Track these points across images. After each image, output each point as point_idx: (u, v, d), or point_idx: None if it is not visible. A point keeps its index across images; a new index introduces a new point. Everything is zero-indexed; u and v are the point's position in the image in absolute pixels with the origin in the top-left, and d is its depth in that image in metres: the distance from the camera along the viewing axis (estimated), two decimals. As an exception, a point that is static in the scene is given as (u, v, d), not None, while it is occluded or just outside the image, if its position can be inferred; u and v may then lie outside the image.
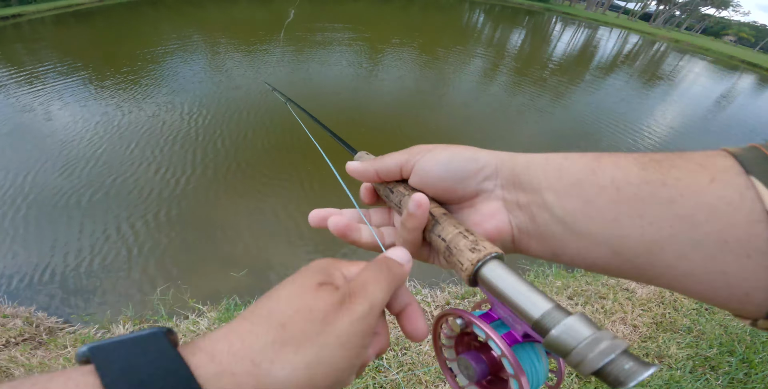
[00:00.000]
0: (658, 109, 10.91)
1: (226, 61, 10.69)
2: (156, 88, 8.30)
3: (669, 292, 3.15)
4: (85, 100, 7.77)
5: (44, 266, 3.71)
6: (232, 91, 8.04)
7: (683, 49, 30.84)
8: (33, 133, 6.34)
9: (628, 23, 44.20)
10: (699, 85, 16.10)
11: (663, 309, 3.01)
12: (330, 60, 10.79)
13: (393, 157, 0.43)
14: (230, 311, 2.93)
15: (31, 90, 8.28)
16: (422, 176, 0.40)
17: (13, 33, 17.92)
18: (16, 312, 3.09)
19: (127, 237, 4.06)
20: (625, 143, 7.78)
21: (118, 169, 5.20)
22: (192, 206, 4.56)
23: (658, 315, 2.95)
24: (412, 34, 16.37)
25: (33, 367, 2.35)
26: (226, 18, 20.08)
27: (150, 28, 17.19)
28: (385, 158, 0.44)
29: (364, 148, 0.60)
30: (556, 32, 27.52)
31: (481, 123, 7.95)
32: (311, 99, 7.89)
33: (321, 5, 25.24)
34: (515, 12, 35.64)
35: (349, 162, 0.48)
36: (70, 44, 14.02)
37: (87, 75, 9.38)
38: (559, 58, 16.21)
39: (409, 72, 10.51)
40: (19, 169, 5.24)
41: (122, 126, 6.36)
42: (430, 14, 25.18)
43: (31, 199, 4.66)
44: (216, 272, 3.68)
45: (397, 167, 0.42)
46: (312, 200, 4.73)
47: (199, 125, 6.49)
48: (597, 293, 3.20)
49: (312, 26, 16.67)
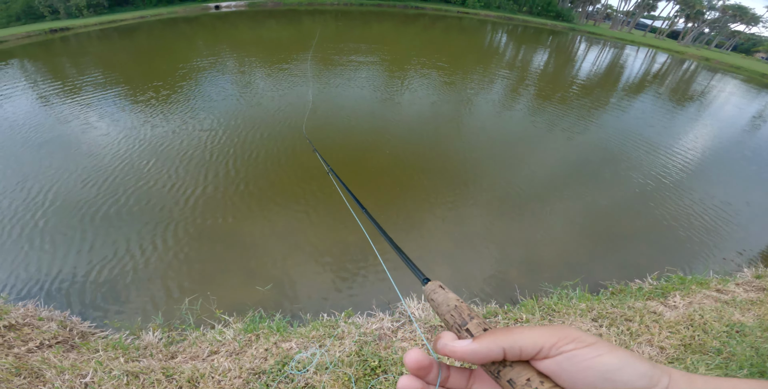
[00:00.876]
0: (689, 131, 10.72)
1: (254, 80, 11.16)
2: (185, 105, 8.82)
3: (699, 315, 3.08)
4: (117, 113, 8.42)
5: (81, 272, 3.98)
6: (270, 112, 8.46)
7: (714, 68, 30.14)
8: (68, 144, 6.91)
9: (655, 42, 43.66)
10: (732, 106, 15.61)
11: (692, 332, 2.93)
12: (354, 81, 11.14)
13: (531, 335, 0.39)
14: (255, 323, 3.02)
15: (70, 103, 8.99)
16: (569, 371, 0.36)
17: (61, 46, 19.36)
18: (52, 315, 3.28)
19: (159, 248, 4.29)
20: (654, 169, 7.59)
21: (156, 182, 5.57)
22: (221, 221, 4.89)
23: (687, 337, 2.87)
24: (434, 55, 16.72)
25: (65, 369, 2.47)
26: (255, 36, 20.95)
27: (185, 44, 18.22)
28: (516, 334, 0.39)
29: (390, 170, 0.65)
30: (581, 52, 27.42)
31: (505, 145, 8.06)
32: (335, 120, 8.16)
33: (347, 25, 26.10)
34: (538, 32, 35.76)
35: (455, 343, 0.42)
36: (111, 59, 15.04)
37: (123, 89, 10.11)
38: (584, 79, 16.14)
39: (431, 94, 10.72)
40: (54, 178, 5.74)
41: (152, 141, 6.86)
42: (452, 35, 25.65)
43: (69, 208, 4.99)
44: (242, 286, 3.84)
45: (535, 349, 0.38)
46: (333, 221, 4.96)
47: (234, 142, 6.92)
48: (623, 315, 3.13)
49: (337, 46, 17.24)
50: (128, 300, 3.70)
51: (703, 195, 6.71)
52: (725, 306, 3.45)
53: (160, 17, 30.04)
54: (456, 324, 0.48)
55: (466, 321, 0.48)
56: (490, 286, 4.12)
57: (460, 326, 0.48)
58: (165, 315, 3.42)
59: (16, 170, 5.92)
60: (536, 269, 4.47)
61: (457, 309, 0.50)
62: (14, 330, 2.89)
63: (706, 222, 5.88)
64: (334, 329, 2.99)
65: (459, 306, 0.51)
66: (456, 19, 37.02)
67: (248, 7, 36.55)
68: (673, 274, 4.34)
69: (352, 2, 40.34)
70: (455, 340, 0.43)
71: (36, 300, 3.53)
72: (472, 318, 0.48)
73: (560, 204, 5.91)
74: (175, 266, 4.11)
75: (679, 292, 3.73)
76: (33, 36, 22.68)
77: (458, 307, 0.51)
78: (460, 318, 0.49)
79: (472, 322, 0.47)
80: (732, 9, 46.30)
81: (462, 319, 0.48)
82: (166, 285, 3.86)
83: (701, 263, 4.92)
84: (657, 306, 3.39)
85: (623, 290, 3.94)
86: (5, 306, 3.22)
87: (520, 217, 5.43)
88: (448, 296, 0.54)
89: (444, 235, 4.91)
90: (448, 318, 0.50)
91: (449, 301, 0.52)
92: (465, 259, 4.53)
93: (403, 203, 5.42)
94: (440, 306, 0.53)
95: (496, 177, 6.50)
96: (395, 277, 3.55)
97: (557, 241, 5.03)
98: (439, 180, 6.17)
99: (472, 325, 0.47)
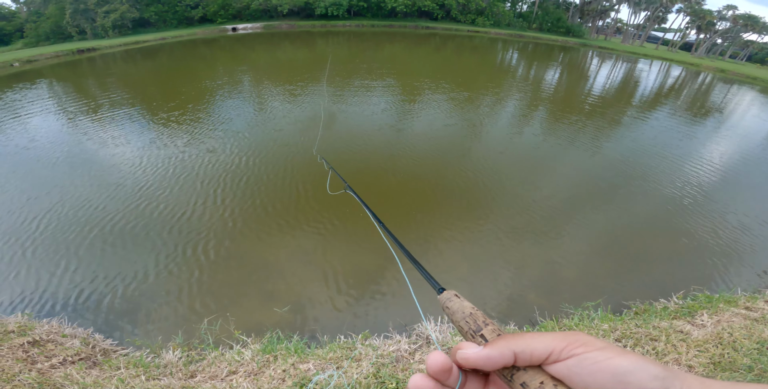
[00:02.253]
0: (711, 146, 10.54)
1: (269, 102, 11.50)
2: (203, 125, 9.04)
3: (728, 333, 2.99)
4: (135, 133, 8.75)
5: (104, 291, 4.08)
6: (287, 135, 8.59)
7: (729, 79, 29.75)
8: (93, 161, 7.25)
9: (669, 54, 43.46)
10: (751, 118, 15.30)
11: (721, 350, 2.84)
12: (367, 105, 11.27)
13: (542, 340, 0.39)
14: (273, 344, 3.03)
15: (94, 120, 9.35)
16: (580, 375, 0.37)
17: (88, 66, 20.30)
18: (75, 332, 3.35)
19: (182, 270, 4.40)
20: (677, 186, 7.46)
21: (182, 205, 5.70)
22: (239, 244, 4.97)
23: (716, 355, 2.78)
24: (447, 76, 16.91)
25: (87, 386, 2.50)
26: (271, 58, 21.59)
27: (204, 65, 18.84)
28: (527, 338, 0.40)
29: (404, 192, 0.67)
30: (594, 67, 27.44)
31: (521, 164, 8.02)
32: (348, 143, 8.27)
33: (359, 47, 26.72)
34: (550, 49, 36.00)
35: (468, 351, 0.43)
36: (134, 78, 15.77)
37: (143, 109, 10.53)
38: (598, 96, 16.12)
39: (445, 116, 10.76)
40: (81, 196, 5.94)
41: (172, 164, 7.08)
42: (464, 55, 25.99)
43: (89, 227, 5.15)
44: (260, 307, 3.88)
45: (545, 352, 0.38)
46: (349, 244, 5.01)
47: (251, 166, 7.09)
48: (648, 335, 3.05)
49: (350, 67, 17.62)
50: (149, 319, 3.76)
51: (728, 211, 6.54)
52: (755, 324, 3.33)
53: (180, 39, 31.29)
54: (471, 330, 0.49)
55: (480, 327, 0.48)
56: (509, 307, 4.05)
57: (475, 332, 0.48)
58: (185, 334, 3.46)
59: (41, 187, 6.19)
60: (556, 290, 4.39)
61: (472, 316, 0.51)
62: (38, 345, 2.95)
63: (733, 239, 5.70)
64: (352, 351, 2.97)
65: (474, 313, 0.51)
66: (467, 38, 37.56)
67: (264, 29, 37.89)
68: (699, 293, 4.20)
69: (364, 24, 41.41)
70: (467, 347, 0.43)
71: (60, 318, 3.62)
72: (487, 325, 0.49)
73: (579, 223, 5.84)
74: (196, 287, 4.17)
75: (706, 311, 3.61)
76: (61, 56, 23.82)
77: (473, 314, 0.51)
78: (474, 325, 0.49)
79: (487, 328, 0.48)
80: (743, 19, 45.97)
81: (477, 325, 0.49)
82: (186, 306, 3.92)
83: (729, 282, 4.75)
84: (684, 325, 3.28)
85: (648, 310, 3.82)
86: (30, 323, 3.31)
87: (538, 237, 5.37)
88: (463, 304, 0.55)
89: (460, 256, 4.89)
90: (463, 325, 0.51)
91: (464, 309, 0.53)
92: (482, 280, 4.49)
93: (418, 226, 5.42)
94: (455, 314, 0.54)
95: (513, 197, 6.46)
96: (410, 297, 3.51)
97: (577, 261, 4.95)
98: (455, 201, 6.17)
99: (487, 331, 0.47)
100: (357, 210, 5.41)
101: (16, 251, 4.68)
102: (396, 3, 41.44)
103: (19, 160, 7.33)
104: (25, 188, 6.19)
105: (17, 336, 2.97)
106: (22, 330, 3.07)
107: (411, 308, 3.90)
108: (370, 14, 43.94)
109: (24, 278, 4.27)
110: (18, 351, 2.80)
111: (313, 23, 39.99)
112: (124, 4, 34.43)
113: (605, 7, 50.58)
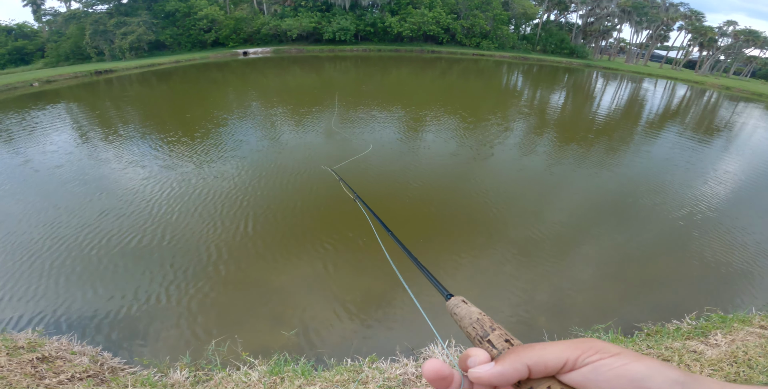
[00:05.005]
0: (720, 165, 10.47)
1: (278, 127, 11.75)
2: (214, 147, 9.26)
3: (743, 351, 2.94)
4: (146, 157, 8.89)
5: (115, 309, 4.13)
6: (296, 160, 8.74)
7: (735, 97, 29.76)
8: (109, 182, 7.43)
9: (673, 73, 43.73)
10: (760, 136, 15.23)
11: (736, 368, 2.79)
12: (374, 130, 11.36)
13: (554, 350, 0.38)
14: (280, 366, 3.03)
15: (109, 143, 9.62)
16: (595, 381, 0.36)
17: (105, 88, 20.92)
18: (84, 350, 3.40)
19: (190, 291, 4.47)
20: (686, 207, 7.41)
21: (192, 227, 5.84)
22: (247, 267, 5.01)
23: (731, 373, 2.73)
24: (454, 101, 17.14)
25: (94, 402, 2.50)
26: (280, 83, 22.10)
27: (215, 89, 19.38)
28: (538, 349, 0.39)
29: (405, 216, 0.71)
30: (599, 87, 27.71)
31: (529, 188, 8.03)
32: (358, 168, 8.32)
33: (366, 72, 27.35)
34: (554, 70, 36.51)
35: (479, 370, 0.41)
36: (148, 101, 16.29)
37: (155, 132, 10.80)
38: (605, 116, 16.22)
39: (452, 141, 10.81)
40: (90, 216, 6.02)
41: (183, 188, 7.18)
42: (470, 79, 26.41)
43: (98, 246, 5.25)
44: (268, 330, 3.91)
45: (559, 363, 0.37)
46: (356, 268, 5.03)
47: (259, 189, 7.19)
48: (660, 356, 3.01)
49: (358, 91, 17.97)
50: (158, 338, 3.79)
51: (738, 229, 6.46)
52: (770, 341, 3.25)
53: (193, 62, 32.29)
54: (478, 335, 0.49)
55: (487, 333, 0.48)
56: (517, 331, 4.01)
57: (482, 337, 0.48)
58: (192, 354, 3.47)
59: (50, 204, 6.37)
60: (565, 313, 4.34)
61: (479, 321, 0.51)
62: (47, 361, 2.99)
63: (745, 258, 5.62)
64: (358, 373, 2.95)
65: (481, 319, 0.52)
66: (472, 61, 38.26)
67: (273, 53, 39.08)
68: (713, 313, 4.12)
69: (371, 48, 42.56)
70: (478, 365, 0.42)
71: (70, 335, 3.67)
72: (494, 330, 0.48)
73: (589, 246, 5.81)
74: (205, 308, 4.21)
75: (720, 331, 3.54)
76: (80, 77, 24.53)
77: (480, 319, 0.51)
78: (482, 330, 0.49)
79: (494, 333, 0.48)
80: (744, 34, 46.07)
81: (484, 331, 0.49)
82: (194, 327, 3.94)
83: (743, 301, 4.66)
84: (697, 345, 3.22)
85: (659, 331, 3.75)
86: (40, 339, 3.37)
87: (547, 260, 5.33)
88: (471, 309, 0.55)
89: (468, 280, 4.88)
90: (470, 331, 0.51)
91: (472, 314, 0.53)
92: (492, 304, 4.46)
93: (426, 250, 5.42)
94: (463, 319, 0.54)
95: (522, 221, 6.45)
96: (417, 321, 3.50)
97: (587, 284, 4.90)
98: (463, 225, 6.17)
99: (494, 336, 0.47)
100: (364, 234, 5.44)
101: (31, 268, 4.77)
102: (402, 28, 42.65)
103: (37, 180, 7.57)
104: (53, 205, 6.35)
105: (26, 352, 3.02)
106: (31, 346, 3.12)
107: (418, 331, 3.88)
108: (377, 39, 45.20)
109: (37, 295, 4.34)
110: (27, 366, 2.84)
111: (321, 48, 41.20)
112: (141, 26, 35.77)
113: (607, 27, 51.45)
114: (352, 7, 43.26)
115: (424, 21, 42.40)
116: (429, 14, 42.51)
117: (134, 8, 37.68)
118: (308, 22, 40.85)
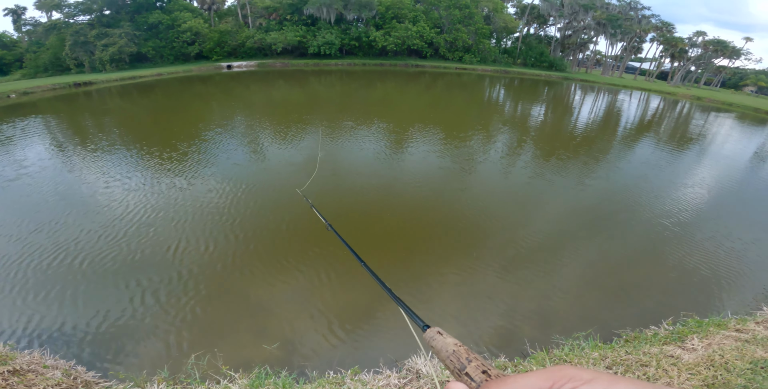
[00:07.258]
0: (694, 174, 10.83)
1: (261, 143, 11.69)
2: (198, 165, 9.14)
3: (719, 355, 3.01)
4: (128, 173, 8.71)
5: (90, 323, 4.03)
6: (276, 176, 8.80)
7: (706, 107, 30.88)
8: (82, 197, 7.30)
9: (646, 84, 45.21)
10: (731, 145, 15.83)
11: (714, 372, 2.85)
12: (358, 148, 11.30)
13: (527, 383, 0.37)
14: (261, 379, 2.98)
15: (91, 159, 9.43)
16: None
17: (85, 101, 20.40)
18: (57, 364, 3.33)
19: (170, 304, 4.36)
20: (661, 216, 7.63)
21: (169, 241, 5.70)
22: (229, 281, 4.94)
23: (709, 377, 2.80)
24: (436, 113, 17.43)
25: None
26: (264, 97, 21.98)
27: (198, 104, 19.08)
28: (510, 383, 0.39)
29: (392, 233, 0.72)
30: (577, 100, 28.47)
31: (510, 200, 8.18)
32: (340, 186, 8.30)
33: (351, 86, 27.55)
34: (535, 83, 37.44)
35: None
36: (129, 115, 15.86)
37: (136, 148, 10.53)
38: (583, 129, 16.66)
39: (436, 156, 10.87)
40: (70, 234, 5.82)
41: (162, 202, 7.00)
42: (454, 93, 26.85)
43: (78, 261, 5.13)
44: (249, 343, 3.85)
45: None
46: (339, 281, 5.00)
47: (241, 204, 7.11)
48: (638, 361, 3.06)
49: (343, 107, 17.99)
50: (135, 352, 3.70)
51: (714, 237, 6.67)
52: (746, 345, 3.34)
53: (176, 75, 31.95)
54: (456, 368, 0.49)
55: (464, 365, 0.49)
56: (500, 341, 4.04)
57: (460, 370, 0.48)
58: (171, 368, 3.40)
59: (33, 219, 6.20)
60: (547, 322, 4.39)
61: (455, 353, 0.51)
62: (18, 375, 2.90)
63: (719, 264, 5.79)
64: (341, 386, 2.92)
65: (457, 351, 0.52)
66: (455, 75, 38.90)
67: (258, 67, 39.12)
68: (689, 318, 4.21)
69: (356, 62, 43.01)
70: None
71: (43, 349, 3.58)
72: (470, 361, 0.49)
73: (569, 257, 5.90)
74: (184, 322, 4.13)
75: (696, 335, 3.62)
76: (58, 89, 24.02)
77: (456, 351, 0.52)
78: (459, 363, 0.49)
79: (471, 365, 0.48)
80: (712, 44, 47.74)
81: (461, 363, 0.49)
82: (173, 340, 3.86)
83: (719, 306, 4.79)
84: (674, 350, 3.29)
85: (638, 337, 3.82)
86: (11, 353, 3.28)
87: (529, 272, 5.41)
88: (446, 341, 0.55)
89: (452, 293, 4.90)
90: (448, 364, 0.51)
91: (448, 346, 0.54)
92: (475, 315, 4.49)
93: (410, 264, 5.44)
94: (440, 352, 0.54)
95: (504, 233, 6.54)
96: (400, 333, 3.50)
97: (568, 293, 4.98)
98: (447, 239, 6.21)
99: (471, 368, 0.48)
100: (345, 249, 5.42)
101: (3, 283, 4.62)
102: (386, 42, 43.29)
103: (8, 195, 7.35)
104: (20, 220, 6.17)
105: (-4, 365, 2.91)
106: (2, 360, 3.02)
107: (401, 343, 3.87)
108: (362, 53, 45.73)
109: (7, 309, 4.20)
110: (-3, 379, 2.75)
111: (306, 62, 41.43)
112: (123, 38, 35.29)
113: (584, 40, 53.09)
114: (337, 22, 43.76)
115: (408, 35, 43.14)
116: (413, 29, 43.29)
117: (117, 20, 37.29)
118: (293, 35, 41.12)
